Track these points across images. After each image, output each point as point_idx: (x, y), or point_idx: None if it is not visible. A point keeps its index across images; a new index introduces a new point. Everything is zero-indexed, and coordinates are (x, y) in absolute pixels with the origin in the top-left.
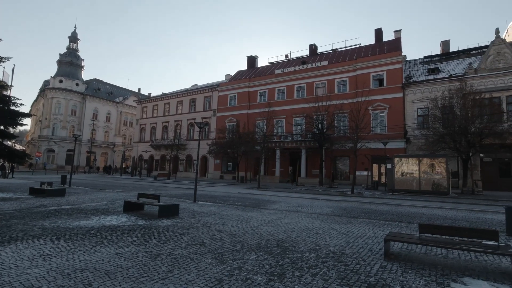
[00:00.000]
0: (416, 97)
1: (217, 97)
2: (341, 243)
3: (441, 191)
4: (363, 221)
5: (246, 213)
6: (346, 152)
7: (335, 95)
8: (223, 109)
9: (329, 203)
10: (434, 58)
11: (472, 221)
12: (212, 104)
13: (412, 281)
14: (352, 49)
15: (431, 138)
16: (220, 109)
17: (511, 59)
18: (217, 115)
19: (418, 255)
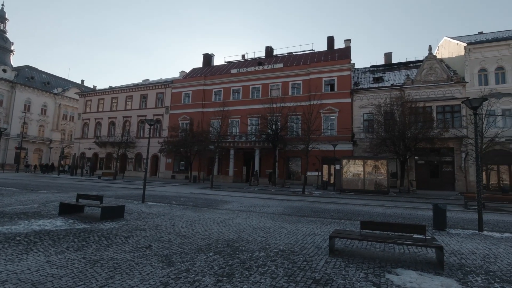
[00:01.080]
0: (363, 103)
1: (171, 94)
2: (290, 242)
3: (382, 190)
4: (312, 220)
5: (198, 214)
6: (298, 153)
7: (289, 97)
8: (176, 106)
9: (281, 203)
10: (378, 68)
11: (407, 217)
12: (165, 101)
13: (353, 275)
14: (306, 54)
15: (374, 142)
16: (173, 106)
17: (441, 73)
18: (170, 113)
19: (359, 250)
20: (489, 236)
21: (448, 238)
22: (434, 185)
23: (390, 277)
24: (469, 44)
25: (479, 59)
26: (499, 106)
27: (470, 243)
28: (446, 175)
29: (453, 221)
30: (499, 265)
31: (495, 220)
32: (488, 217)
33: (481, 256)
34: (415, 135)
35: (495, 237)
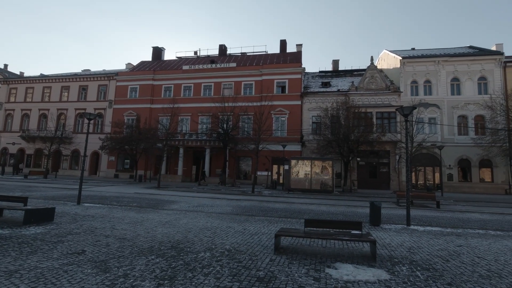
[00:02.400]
0: (312, 106)
1: (115, 87)
2: (237, 241)
3: (327, 189)
4: (260, 219)
5: (141, 215)
6: (249, 153)
7: (241, 97)
8: (121, 101)
9: (230, 202)
10: (327, 73)
11: (348, 214)
12: (108, 94)
13: (295, 271)
14: (259, 55)
15: (321, 143)
16: (118, 100)
17: (380, 83)
18: (114, 107)
19: (303, 247)
20: (415, 229)
21: (382, 232)
22: (373, 185)
23: (329, 271)
24: (403, 58)
25: (412, 72)
26: (426, 115)
27: (399, 236)
28: (383, 175)
29: (387, 217)
30: (421, 255)
31: (420, 215)
32: (415, 213)
33: (407, 248)
34: (357, 138)
35: (420, 230)
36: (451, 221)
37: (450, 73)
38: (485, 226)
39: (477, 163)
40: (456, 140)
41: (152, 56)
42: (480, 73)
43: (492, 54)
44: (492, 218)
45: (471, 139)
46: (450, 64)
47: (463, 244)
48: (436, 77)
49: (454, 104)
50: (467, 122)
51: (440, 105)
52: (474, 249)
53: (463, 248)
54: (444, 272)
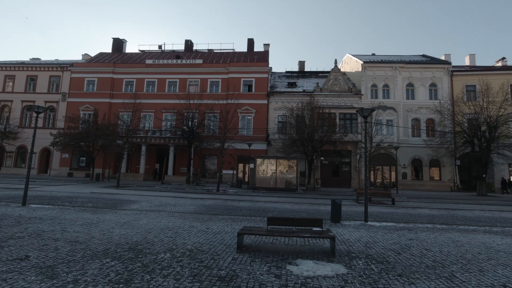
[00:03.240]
0: (278, 105)
1: (70, 79)
2: (199, 240)
3: (291, 188)
4: (224, 218)
5: (97, 216)
6: (214, 151)
7: (207, 95)
8: (77, 94)
9: (194, 201)
10: (293, 74)
11: (311, 212)
12: (61, 86)
13: (257, 269)
14: (226, 53)
15: (286, 142)
16: (73, 93)
17: (343, 85)
18: (68, 101)
19: (266, 245)
20: (372, 225)
21: (341, 229)
22: (335, 183)
23: (291, 268)
24: (365, 62)
25: (372, 76)
26: (384, 117)
27: (358, 232)
28: (345, 174)
29: (347, 214)
30: (376, 249)
31: (377, 212)
32: (372, 210)
33: (364, 243)
34: (321, 138)
35: (376, 226)
36: (404, 217)
37: (405, 79)
38: (432, 221)
39: (427, 163)
40: (410, 141)
41: (112, 48)
42: (431, 80)
43: (441, 63)
44: (439, 213)
45: (423, 141)
46: (406, 70)
47: (413, 237)
48: (394, 81)
49: (409, 107)
50: (420, 124)
51: (396, 108)
52: (422, 242)
53: (413, 242)
54: (396, 264)
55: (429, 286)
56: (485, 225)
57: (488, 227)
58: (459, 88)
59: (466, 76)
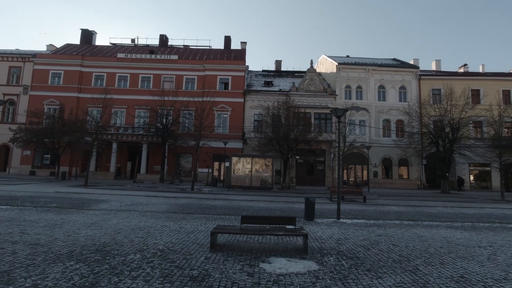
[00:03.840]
0: (254, 104)
1: (33, 71)
2: (172, 240)
3: (267, 186)
4: (198, 217)
5: (62, 216)
6: (189, 149)
7: (182, 92)
8: (41, 87)
9: (167, 200)
10: (270, 73)
11: (285, 210)
12: (22, 79)
13: (230, 267)
14: (203, 49)
15: (262, 141)
16: (36, 86)
17: (319, 85)
18: (30, 94)
19: (240, 244)
20: (344, 222)
21: (314, 226)
22: (310, 181)
23: (264, 266)
24: (339, 64)
25: (346, 77)
26: (357, 117)
27: (330, 229)
28: (319, 172)
29: (320, 211)
30: (347, 245)
31: (349, 209)
32: (345, 207)
33: (336, 239)
34: (296, 137)
35: (348, 223)
36: (374, 214)
37: (377, 81)
38: (400, 217)
39: (397, 162)
40: (381, 141)
41: (81, 40)
42: (401, 83)
43: (410, 67)
44: (406, 210)
45: (393, 141)
46: (378, 73)
47: (382, 233)
48: (366, 83)
49: (380, 109)
50: (390, 125)
51: (369, 109)
52: (390, 237)
53: (382, 237)
54: (365, 260)
55: (395, 280)
56: (447, 220)
57: (450, 222)
58: (426, 92)
59: (432, 80)
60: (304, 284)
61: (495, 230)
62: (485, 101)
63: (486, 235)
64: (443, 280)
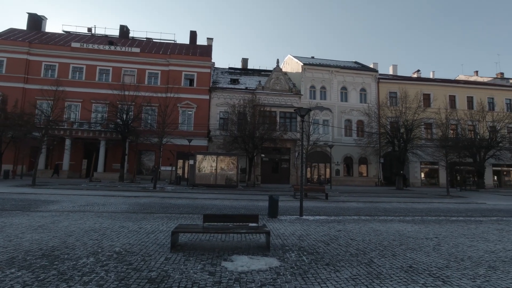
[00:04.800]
0: (220, 101)
1: None
2: (130, 242)
3: (232, 184)
4: (160, 216)
5: (2, 219)
6: (152, 147)
7: (144, 86)
8: None
9: (127, 200)
10: (236, 70)
11: (249, 208)
12: None
13: (191, 267)
14: (167, 44)
15: (228, 139)
16: None
17: (284, 85)
18: None
19: (202, 243)
20: (306, 219)
21: (278, 224)
22: (275, 179)
23: (225, 264)
24: (305, 64)
25: (311, 78)
26: (321, 117)
27: (292, 226)
28: (284, 171)
29: (284, 209)
30: (308, 241)
31: (312, 206)
32: (307, 204)
33: (297, 236)
34: (262, 135)
35: (310, 219)
36: (335, 210)
37: (340, 82)
38: (359, 213)
39: (357, 160)
40: (343, 140)
41: (28, 25)
42: (362, 85)
43: (370, 71)
44: (365, 206)
45: (354, 140)
46: (341, 74)
47: (341, 229)
48: (330, 84)
49: (342, 109)
50: (352, 125)
51: (332, 109)
52: (349, 232)
53: (341, 233)
54: (325, 255)
55: (351, 272)
56: (400, 215)
57: (402, 216)
58: (384, 94)
59: (389, 84)
60: (265, 281)
61: (441, 223)
62: (434, 105)
63: (432, 228)
64: (394, 271)
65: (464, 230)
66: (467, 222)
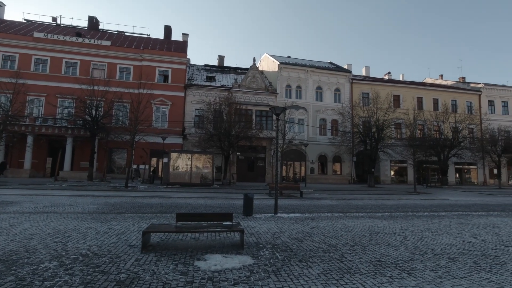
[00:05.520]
0: (195, 98)
1: None
2: (98, 243)
3: (207, 183)
4: (131, 216)
5: None
6: (124, 144)
7: (115, 81)
8: None
9: (96, 200)
10: (212, 68)
11: (224, 206)
12: None
13: (162, 268)
14: (140, 38)
15: (203, 137)
16: None
17: (261, 83)
18: None
19: (175, 242)
20: (281, 217)
21: (252, 221)
22: (251, 178)
23: (198, 264)
24: (281, 63)
25: (287, 77)
26: (296, 116)
27: (267, 224)
28: (260, 169)
29: (259, 207)
30: (282, 239)
31: (286, 204)
32: (282, 202)
33: (272, 234)
34: (238, 134)
35: (284, 217)
36: (309, 208)
37: (315, 82)
38: (332, 210)
39: (331, 159)
40: (318, 139)
41: None
42: (336, 85)
43: (344, 72)
44: (338, 203)
45: (328, 139)
46: (316, 74)
47: (315, 226)
48: (305, 84)
49: (317, 108)
50: (326, 124)
51: (307, 108)
52: (322, 229)
53: (314, 229)
54: (298, 251)
55: (323, 268)
56: (370, 211)
57: (373, 213)
58: (357, 94)
59: (362, 85)
60: (238, 279)
61: (408, 218)
62: (403, 106)
63: (400, 223)
64: (363, 265)
65: (429, 224)
66: (431, 217)
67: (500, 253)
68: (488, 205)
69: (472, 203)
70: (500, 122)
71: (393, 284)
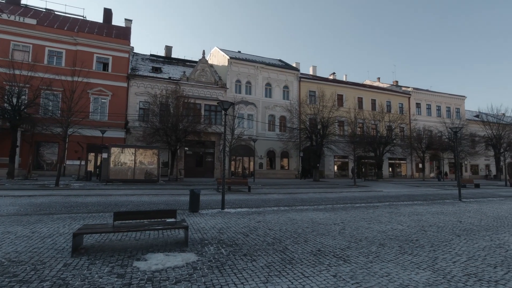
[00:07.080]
0: (140, 90)
1: None
2: (17, 249)
3: (152, 179)
4: (61, 217)
5: None
6: (54, 138)
7: (43, 66)
8: None
9: (18, 200)
10: (159, 58)
11: (170, 203)
12: None
13: (96, 271)
14: (74, 19)
15: (148, 131)
16: None
17: (210, 77)
18: None
19: (113, 243)
20: (228, 212)
21: (198, 218)
22: (199, 173)
23: (138, 264)
24: (231, 58)
25: (237, 72)
26: (246, 111)
27: (213, 219)
28: (208, 164)
29: (207, 203)
30: (228, 234)
31: (234, 199)
32: (230, 197)
33: (218, 229)
34: (186, 128)
35: (232, 212)
36: (256, 202)
37: (265, 79)
38: (278, 204)
39: (279, 154)
40: (267, 135)
41: None
42: (285, 82)
43: (293, 69)
44: (284, 197)
45: (277, 135)
46: (266, 71)
47: (261, 220)
48: (255, 80)
49: (266, 104)
50: (275, 120)
51: (257, 104)
52: (268, 223)
53: (260, 223)
54: (243, 246)
55: (266, 260)
56: (314, 204)
57: (316, 205)
58: (305, 92)
59: (309, 83)
60: (180, 277)
61: (347, 210)
62: (346, 105)
63: (340, 214)
64: (305, 255)
65: (364, 214)
66: (367, 207)
67: (420, 237)
68: (413, 195)
69: (401, 194)
70: (425, 123)
71: (330, 271)
